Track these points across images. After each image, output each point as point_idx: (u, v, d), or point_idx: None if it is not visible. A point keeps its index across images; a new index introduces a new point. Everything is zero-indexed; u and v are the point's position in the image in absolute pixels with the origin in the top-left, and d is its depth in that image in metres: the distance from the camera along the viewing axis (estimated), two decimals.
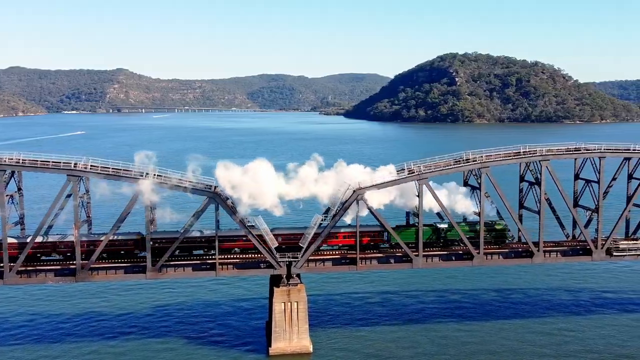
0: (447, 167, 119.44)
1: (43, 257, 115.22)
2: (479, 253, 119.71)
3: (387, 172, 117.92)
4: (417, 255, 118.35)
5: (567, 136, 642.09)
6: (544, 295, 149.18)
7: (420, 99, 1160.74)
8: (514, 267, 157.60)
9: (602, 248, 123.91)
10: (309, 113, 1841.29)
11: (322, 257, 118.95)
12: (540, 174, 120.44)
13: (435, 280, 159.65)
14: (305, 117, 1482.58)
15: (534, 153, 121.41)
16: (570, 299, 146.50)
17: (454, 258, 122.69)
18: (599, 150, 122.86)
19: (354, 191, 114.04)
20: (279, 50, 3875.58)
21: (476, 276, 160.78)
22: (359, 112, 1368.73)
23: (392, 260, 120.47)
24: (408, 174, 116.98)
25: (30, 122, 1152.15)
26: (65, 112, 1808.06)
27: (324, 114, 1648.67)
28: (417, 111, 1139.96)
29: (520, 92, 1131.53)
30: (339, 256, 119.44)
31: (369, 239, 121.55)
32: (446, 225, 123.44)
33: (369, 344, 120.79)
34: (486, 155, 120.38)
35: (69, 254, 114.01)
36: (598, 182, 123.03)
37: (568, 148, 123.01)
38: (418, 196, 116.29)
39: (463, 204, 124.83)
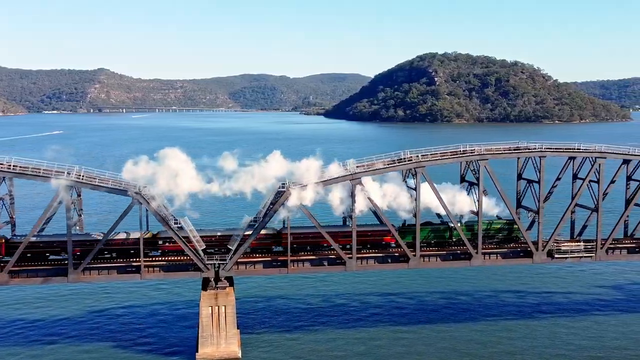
0: (382, 168, 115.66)
1: None
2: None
3: (332, 169, 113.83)
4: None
5: (543, 135, 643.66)
6: (482, 298, 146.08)
7: (399, 98, 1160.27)
8: (450, 270, 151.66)
9: (543, 250, 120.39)
10: (290, 113, 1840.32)
11: (252, 260, 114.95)
12: (479, 173, 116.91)
13: (367, 283, 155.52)
14: (286, 117, 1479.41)
15: (472, 152, 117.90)
16: (513, 300, 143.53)
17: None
18: (539, 150, 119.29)
19: (287, 189, 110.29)
20: (261, 51, 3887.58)
21: (411, 279, 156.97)
22: (338, 112, 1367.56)
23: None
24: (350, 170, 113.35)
25: (8, 122, 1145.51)
26: (46, 112, 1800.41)
27: (305, 114, 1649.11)
28: (395, 111, 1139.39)
29: (499, 92, 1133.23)
30: (269, 259, 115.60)
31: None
32: (459, 224, 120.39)
33: (300, 349, 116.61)
34: (422, 155, 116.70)
35: None
36: (539, 182, 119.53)
37: (508, 147, 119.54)
38: (352, 196, 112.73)
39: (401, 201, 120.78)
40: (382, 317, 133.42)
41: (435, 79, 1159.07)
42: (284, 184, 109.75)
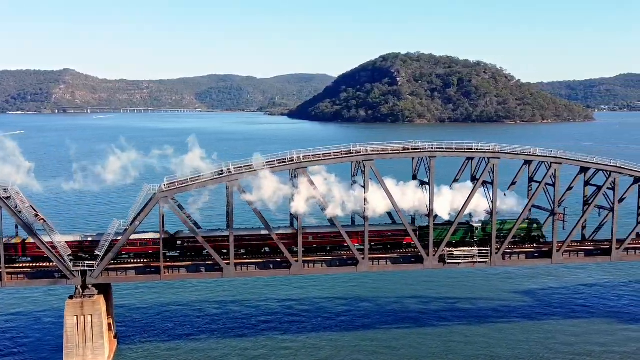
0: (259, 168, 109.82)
1: None
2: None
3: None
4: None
5: (497, 136, 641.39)
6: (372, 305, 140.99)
7: (362, 99, 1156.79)
8: (336, 275, 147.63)
9: (434, 255, 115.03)
10: (254, 113, 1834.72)
11: (124, 266, 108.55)
12: (364, 174, 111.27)
13: (247, 289, 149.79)
14: (249, 118, 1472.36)
15: (358, 153, 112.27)
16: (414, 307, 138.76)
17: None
18: (429, 150, 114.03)
19: (155, 194, 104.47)
20: (228, 51, 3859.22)
21: (292, 284, 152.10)
22: (302, 112, 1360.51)
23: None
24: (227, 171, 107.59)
25: None
26: (10, 112, 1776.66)
27: (269, 115, 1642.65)
28: (357, 111, 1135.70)
29: (461, 92, 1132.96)
30: (142, 264, 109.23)
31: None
32: (480, 224, 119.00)
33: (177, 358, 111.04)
34: (304, 156, 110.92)
35: None
36: (428, 183, 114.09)
37: (396, 147, 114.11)
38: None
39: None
40: (271, 324, 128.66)
41: (398, 79, 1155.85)
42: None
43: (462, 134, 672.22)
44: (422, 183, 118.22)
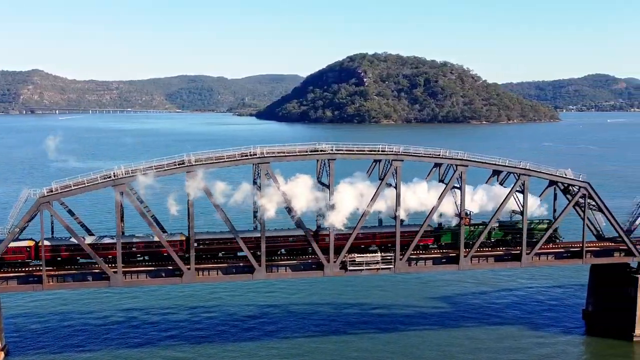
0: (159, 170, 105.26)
1: None
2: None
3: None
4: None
5: (467, 137, 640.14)
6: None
7: (328, 99, 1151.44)
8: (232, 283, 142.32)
9: (335, 262, 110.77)
10: (224, 114, 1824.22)
11: (5, 275, 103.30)
12: (260, 177, 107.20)
13: (137, 299, 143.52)
14: (218, 118, 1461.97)
15: (254, 155, 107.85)
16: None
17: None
18: (329, 152, 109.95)
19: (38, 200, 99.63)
20: (198, 52, 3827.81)
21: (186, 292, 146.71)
22: (270, 113, 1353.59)
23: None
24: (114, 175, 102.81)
25: None
26: None
27: (238, 115, 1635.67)
28: (324, 112, 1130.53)
29: (428, 93, 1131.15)
30: (24, 274, 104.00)
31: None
32: (497, 225, 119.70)
33: None
34: (196, 159, 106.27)
35: None
36: (329, 186, 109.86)
37: (295, 149, 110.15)
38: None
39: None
40: (160, 335, 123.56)
41: (365, 79, 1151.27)
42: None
43: (423, 135, 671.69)
44: (324, 184, 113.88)
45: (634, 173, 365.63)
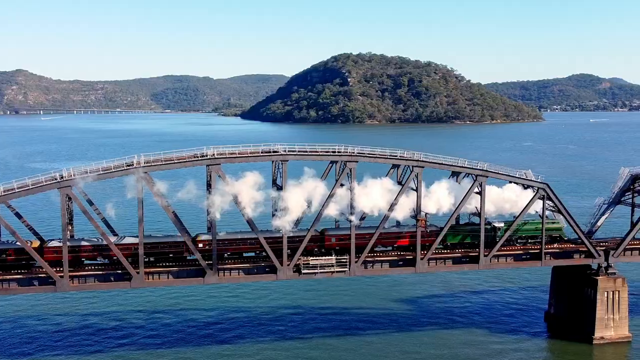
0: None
1: None
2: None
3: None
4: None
5: (446, 136, 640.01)
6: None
7: (313, 99, 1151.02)
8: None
9: (289, 265, 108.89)
10: (209, 114, 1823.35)
11: None
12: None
13: (86, 303, 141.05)
14: (202, 119, 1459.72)
15: (204, 157, 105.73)
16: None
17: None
18: (282, 154, 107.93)
19: None
20: (184, 52, 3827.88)
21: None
22: (254, 113, 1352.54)
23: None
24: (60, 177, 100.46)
25: None
26: None
27: (223, 115, 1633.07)
28: (308, 112, 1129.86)
29: (412, 93, 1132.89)
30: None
31: None
32: (503, 224, 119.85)
33: None
34: (146, 161, 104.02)
35: None
36: (282, 188, 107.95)
37: (247, 151, 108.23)
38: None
39: None
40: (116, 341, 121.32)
41: (349, 79, 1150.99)
42: None
43: (405, 136, 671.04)
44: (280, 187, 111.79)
45: (612, 173, 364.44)
